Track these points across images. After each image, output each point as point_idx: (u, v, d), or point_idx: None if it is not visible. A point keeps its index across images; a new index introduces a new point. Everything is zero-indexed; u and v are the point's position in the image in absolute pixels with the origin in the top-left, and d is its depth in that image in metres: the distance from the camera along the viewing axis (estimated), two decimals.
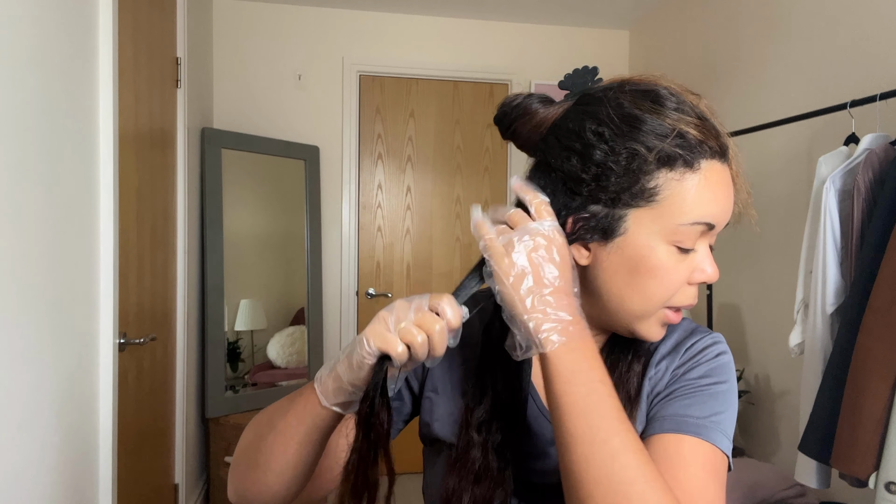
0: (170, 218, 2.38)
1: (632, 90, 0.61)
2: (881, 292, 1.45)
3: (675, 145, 0.58)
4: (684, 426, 0.61)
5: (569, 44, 3.53)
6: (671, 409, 0.63)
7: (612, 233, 0.60)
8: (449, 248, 3.55)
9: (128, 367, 1.84)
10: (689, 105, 0.60)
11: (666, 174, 0.58)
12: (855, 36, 2.04)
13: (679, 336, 0.70)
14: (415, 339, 0.55)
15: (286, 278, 3.26)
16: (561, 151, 0.61)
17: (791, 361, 2.20)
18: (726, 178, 0.61)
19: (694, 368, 0.66)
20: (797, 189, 2.25)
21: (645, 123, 0.58)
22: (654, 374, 0.68)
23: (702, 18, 2.93)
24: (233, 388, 2.99)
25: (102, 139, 1.60)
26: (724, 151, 0.61)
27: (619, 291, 0.62)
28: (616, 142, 0.59)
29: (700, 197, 0.59)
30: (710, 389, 0.64)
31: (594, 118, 0.60)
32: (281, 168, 3.21)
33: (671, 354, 0.69)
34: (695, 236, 0.60)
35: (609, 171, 0.59)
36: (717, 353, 0.67)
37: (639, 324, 0.63)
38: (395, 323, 0.57)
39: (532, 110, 0.66)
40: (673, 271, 0.60)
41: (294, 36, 3.33)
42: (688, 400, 0.64)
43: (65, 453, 1.40)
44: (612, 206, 0.60)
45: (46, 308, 1.31)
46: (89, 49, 1.54)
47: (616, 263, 0.61)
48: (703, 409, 0.63)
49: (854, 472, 1.45)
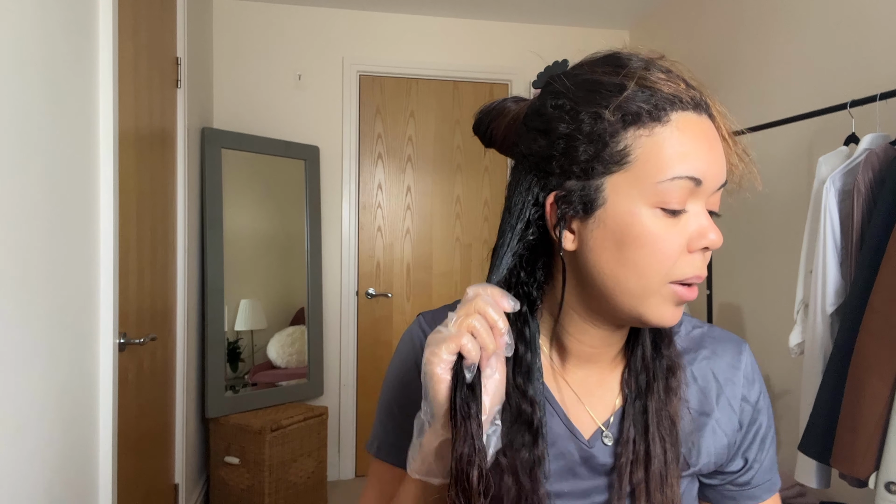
0: (170, 218, 2.38)
1: (590, 60, 0.60)
2: (881, 292, 1.45)
3: (638, 100, 0.55)
4: (773, 487, 0.70)
5: (569, 44, 3.53)
6: (762, 473, 0.70)
7: (592, 206, 0.57)
8: (449, 248, 3.55)
9: (128, 367, 1.84)
10: (652, 62, 0.57)
11: (634, 132, 0.55)
12: (855, 36, 2.04)
13: (718, 346, 0.70)
14: (471, 324, 0.53)
15: (286, 278, 3.26)
16: (528, 135, 0.61)
17: (791, 361, 2.20)
18: (706, 130, 0.56)
19: (756, 420, 0.69)
20: (797, 189, 2.25)
21: (603, 85, 0.56)
22: (703, 384, 0.69)
23: (702, 18, 2.93)
24: (233, 388, 2.99)
25: (102, 139, 1.60)
26: (697, 103, 0.56)
27: (612, 271, 0.57)
28: (576, 110, 0.56)
29: (676, 151, 0.54)
30: (770, 434, 0.70)
31: (553, 93, 0.59)
32: (281, 168, 3.21)
33: (726, 370, 0.69)
34: (681, 195, 0.55)
35: (575, 140, 0.56)
36: (761, 391, 0.70)
37: (644, 306, 0.57)
38: (446, 330, 0.54)
39: (506, 109, 0.66)
40: (663, 237, 0.55)
41: (294, 36, 3.33)
42: (765, 456, 0.70)
43: (65, 453, 1.40)
44: (586, 177, 0.56)
45: (46, 308, 1.31)
46: (89, 49, 1.54)
47: (601, 239, 0.57)
48: (771, 461, 0.70)
49: (854, 472, 1.45)
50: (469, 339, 0.53)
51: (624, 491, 0.63)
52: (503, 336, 0.54)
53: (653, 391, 0.64)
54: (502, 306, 0.55)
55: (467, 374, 0.53)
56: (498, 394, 0.55)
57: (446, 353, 0.53)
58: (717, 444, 0.66)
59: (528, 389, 0.63)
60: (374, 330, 3.45)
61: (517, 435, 0.62)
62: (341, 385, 3.38)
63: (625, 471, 0.63)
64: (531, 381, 0.63)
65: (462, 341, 0.53)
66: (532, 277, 0.64)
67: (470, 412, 0.52)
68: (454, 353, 0.53)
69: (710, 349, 0.69)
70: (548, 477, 0.65)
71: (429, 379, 0.54)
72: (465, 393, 0.53)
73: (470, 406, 0.52)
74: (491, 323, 0.54)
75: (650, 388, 0.65)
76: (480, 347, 0.53)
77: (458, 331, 0.53)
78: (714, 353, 0.69)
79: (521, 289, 0.64)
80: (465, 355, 0.53)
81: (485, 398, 0.54)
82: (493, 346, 0.54)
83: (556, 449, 0.66)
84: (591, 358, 0.67)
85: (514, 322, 0.64)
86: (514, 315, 0.64)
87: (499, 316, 0.54)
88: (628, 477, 0.63)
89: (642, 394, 0.65)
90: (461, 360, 0.53)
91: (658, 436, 0.63)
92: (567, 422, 0.67)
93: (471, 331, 0.53)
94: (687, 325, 0.71)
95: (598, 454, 0.66)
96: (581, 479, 0.66)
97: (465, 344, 0.53)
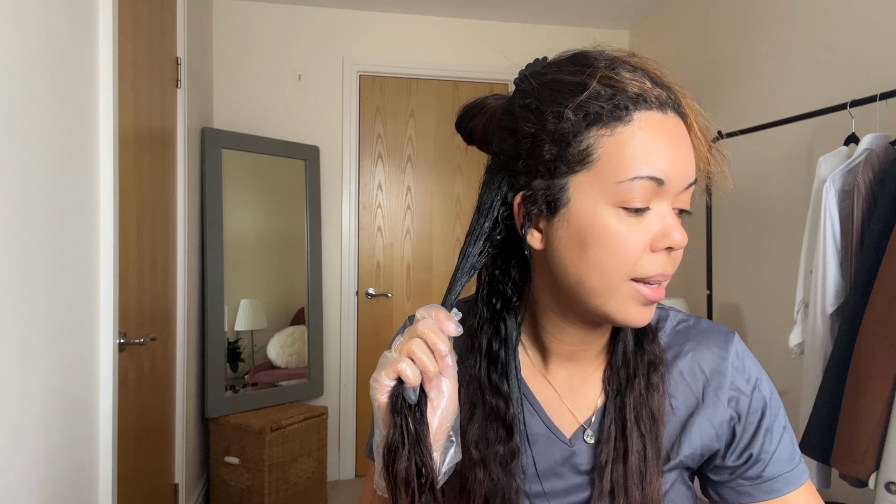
0: (170, 218, 2.38)
1: (558, 59, 0.61)
2: (881, 292, 1.45)
3: (600, 100, 0.55)
4: (796, 480, 0.65)
5: (569, 44, 3.46)
6: (776, 465, 0.65)
7: (556, 205, 0.57)
8: (449, 248, 3.55)
9: (128, 367, 1.84)
10: (618, 61, 0.57)
11: (596, 132, 0.55)
12: (855, 36, 2.04)
13: (690, 343, 0.68)
14: (410, 347, 0.54)
15: (286, 278, 3.26)
16: (499, 134, 0.61)
17: (791, 361, 2.20)
18: (671, 129, 0.56)
19: (757, 410, 0.66)
20: (797, 189, 2.25)
21: (565, 84, 0.57)
22: (685, 386, 0.67)
23: (702, 18, 2.93)
24: (233, 388, 2.99)
25: (102, 139, 1.60)
26: (663, 102, 0.56)
27: (576, 270, 0.58)
28: (541, 109, 0.57)
29: (638, 150, 0.54)
30: (780, 424, 0.66)
31: (521, 93, 0.60)
32: (281, 168, 3.21)
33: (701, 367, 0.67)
34: (643, 195, 0.55)
35: (540, 140, 0.57)
36: (757, 380, 0.67)
37: (607, 305, 0.58)
38: (390, 355, 0.56)
39: (486, 106, 0.66)
40: (625, 237, 0.55)
41: (294, 36, 3.33)
42: (776, 447, 0.65)
43: (65, 453, 1.40)
44: (550, 176, 0.57)
45: (46, 308, 1.31)
46: (89, 49, 1.54)
47: (566, 238, 0.57)
48: (787, 452, 0.65)
49: (854, 472, 1.45)
50: (408, 364, 0.54)
51: (605, 489, 0.63)
52: (445, 358, 0.55)
53: (633, 387, 0.64)
54: (446, 330, 0.55)
55: (412, 397, 0.54)
56: (448, 413, 0.56)
57: (386, 378, 0.54)
58: (703, 437, 0.66)
59: (501, 386, 0.64)
60: (374, 330, 3.45)
61: (490, 430, 0.63)
62: (341, 385, 3.38)
63: (605, 469, 0.63)
64: (507, 378, 0.64)
65: (400, 366, 0.54)
66: (507, 276, 0.65)
67: (408, 434, 0.53)
68: (393, 378, 0.54)
69: (695, 342, 0.68)
70: (525, 472, 0.65)
71: (374, 403, 0.56)
72: (406, 415, 0.54)
73: (410, 427, 0.53)
74: (432, 346, 0.54)
75: (630, 384, 0.65)
76: (422, 370, 0.54)
77: (397, 356, 0.54)
78: (699, 345, 0.68)
79: (495, 286, 0.65)
80: (403, 379, 0.54)
81: (433, 419, 0.55)
82: (435, 368, 0.54)
83: (537, 448, 0.67)
84: (572, 357, 0.67)
85: (491, 319, 0.65)
86: (490, 312, 0.65)
87: (440, 339, 0.55)
88: (609, 475, 0.63)
89: (623, 390, 0.65)
90: (402, 384, 0.55)
91: (637, 431, 0.63)
92: (548, 421, 0.67)
93: (410, 355, 0.54)
94: (673, 320, 0.71)
95: (579, 453, 0.66)
96: (563, 478, 0.66)
97: (404, 369, 0.54)
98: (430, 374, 0.54)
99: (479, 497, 0.62)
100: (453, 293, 0.59)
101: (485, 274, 0.66)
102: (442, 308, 0.57)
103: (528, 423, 0.67)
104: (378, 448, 0.56)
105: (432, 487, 0.54)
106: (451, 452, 0.56)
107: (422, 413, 0.54)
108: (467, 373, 0.65)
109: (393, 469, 0.53)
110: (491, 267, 0.65)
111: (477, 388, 0.65)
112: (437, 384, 0.56)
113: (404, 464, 0.53)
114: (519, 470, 0.63)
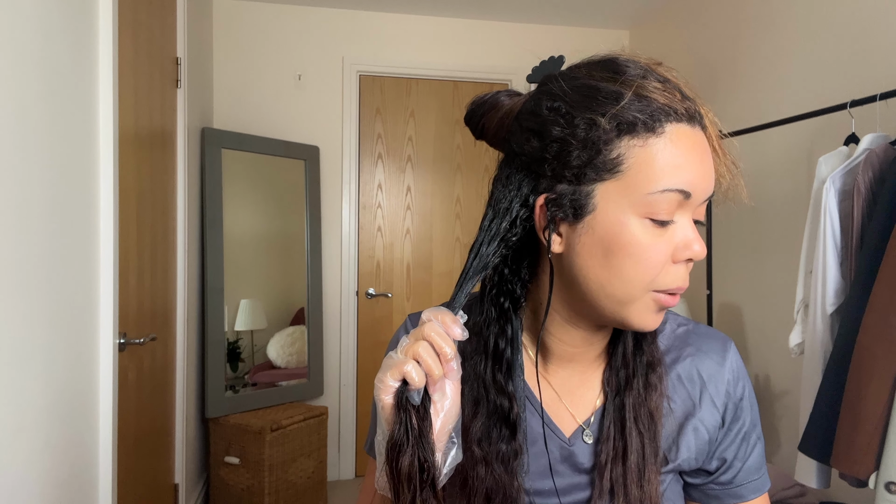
0: (170, 218, 2.38)
1: (588, 63, 0.60)
2: (881, 292, 1.45)
3: (634, 109, 0.55)
4: (760, 487, 0.69)
5: (569, 44, 3.53)
6: (746, 472, 0.69)
7: (581, 211, 0.57)
8: (449, 248, 3.55)
9: (128, 367, 1.84)
10: (649, 70, 0.57)
11: (628, 142, 0.55)
12: (855, 36, 2.04)
13: (691, 347, 0.69)
14: (416, 349, 0.54)
15: (286, 278, 3.26)
16: (522, 135, 0.61)
17: (791, 361, 2.21)
18: (699, 143, 0.56)
19: (739, 418, 0.68)
20: (797, 189, 2.25)
21: (600, 91, 0.56)
22: (682, 387, 0.68)
23: (702, 18, 2.93)
24: (233, 388, 2.99)
25: (102, 139, 1.60)
26: (692, 115, 0.56)
27: (597, 276, 0.58)
28: (572, 114, 0.56)
29: (668, 163, 0.54)
30: (754, 435, 0.69)
31: (549, 95, 0.59)
32: (281, 168, 3.21)
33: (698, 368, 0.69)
34: (670, 207, 0.55)
35: (569, 145, 0.56)
36: (745, 388, 0.69)
37: (626, 311, 0.59)
38: (396, 356, 0.56)
39: (499, 103, 0.66)
40: (650, 248, 0.56)
41: (294, 36, 3.33)
42: (749, 454, 0.69)
43: (65, 453, 1.40)
44: (577, 182, 0.57)
45: (46, 308, 1.31)
46: (89, 49, 1.54)
47: (589, 245, 0.57)
48: (757, 461, 0.69)
49: (854, 472, 1.45)
50: (413, 366, 0.54)
51: (604, 488, 0.64)
52: (450, 362, 0.55)
53: (632, 387, 0.65)
54: (452, 333, 0.56)
55: (416, 398, 0.55)
56: (450, 415, 0.56)
57: (391, 379, 0.54)
58: (698, 441, 0.67)
59: (507, 386, 0.64)
60: (374, 330, 3.45)
61: (493, 428, 0.64)
62: (341, 385, 3.38)
63: (605, 468, 0.64)
64: (511, 378, 0.64)
65: (405, 368, 0.54)
66: (517, 276, 0.65)
67: (412, 430, 0.54)
68: (399, 379, 0.55)
69: (694, 346, 0.69)
70: (527, 471, 0.66)
71: (377, 403, 0.56)
72: (410, 416, 0.54)
73: (413, 424, 0.54)
74: (438, 349, 0.55)
75: (629, 384, 0.65)
76: (426, 373, 0.54)
77: (403, 357, 0.55)
78: (699, 351, 0.69)
79: (505, 286, 0.65)
80: (409, 381, 0.54)
81: (436, 420, 0.56)
82: (440, 371, 0.55)
83: (536, 447, 0.67)
84: (573, 358, 0.68)
85: (498, 318, 0.65)
86: (498, 311, 0.65)
87: (445, 343, 0.55)
88: (608, 474, 0.64)
89: (622, 390, 0.66)
90: (406, 385, 0.55)
91: (636, 430, 0.64)
92: (548, 420, 0.68)
93: (416, 357, 0.54)
94: (672, 324, 0.71)
95: (578, 452, 0.67)
96: (562, 477, 0.67)
97: (409, 371, 0.54)
98: (434, 377, 0.54)
99: (480, 495, 0.63)
100: (463, 293, 0.59)
101: (493, 273, 0.66)
102: (448, 311, 0.57)
103: (528, 423, 0.68)
104: (380, 447, 0.56)
105: (434, 484, 0.54)
106: (453, 453, 0.57)
107: (426, 411, 0.55)
108: (471, 371, 0.65)
109: (396, 465, 0.54)
110: (501, 266, 0.65)
111: (481, 386, 0.65)
112: (441, 386, 0.56)
113: (407, 460, 0.53)
114: (521, 469, 0.64)
